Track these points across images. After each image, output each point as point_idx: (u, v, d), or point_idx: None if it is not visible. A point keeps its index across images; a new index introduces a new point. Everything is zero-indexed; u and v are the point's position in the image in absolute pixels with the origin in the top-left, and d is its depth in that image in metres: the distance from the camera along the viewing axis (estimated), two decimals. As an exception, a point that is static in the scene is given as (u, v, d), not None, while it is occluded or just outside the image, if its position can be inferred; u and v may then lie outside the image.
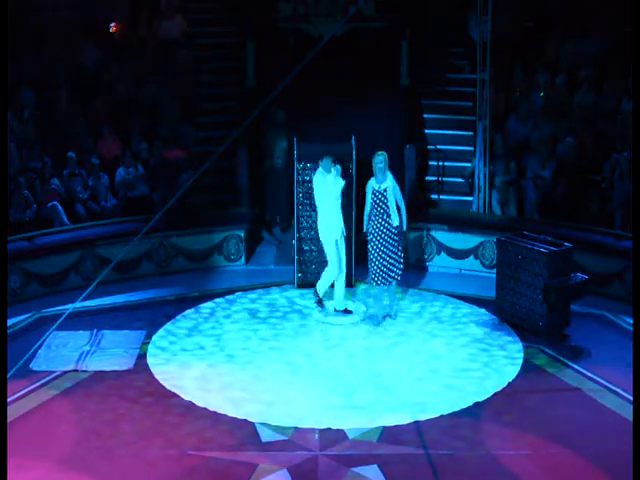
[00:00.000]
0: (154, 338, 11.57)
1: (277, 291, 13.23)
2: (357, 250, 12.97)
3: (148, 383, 10.42)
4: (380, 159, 11.87)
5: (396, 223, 11.82)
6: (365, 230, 11.98)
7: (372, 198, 11.86)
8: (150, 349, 11.25)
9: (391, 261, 11.88)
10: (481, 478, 8.62)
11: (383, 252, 11.87)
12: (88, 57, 16.26)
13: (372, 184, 11.87)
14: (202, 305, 12.68)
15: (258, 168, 15.36)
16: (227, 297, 12.99)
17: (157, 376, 10.56)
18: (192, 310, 12.50)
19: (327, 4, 15.35)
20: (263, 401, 9.96)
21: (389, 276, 11.92)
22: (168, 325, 11.99)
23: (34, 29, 16.17)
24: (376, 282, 11.99)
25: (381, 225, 11.85)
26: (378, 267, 11.89)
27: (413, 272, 14.04)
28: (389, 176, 11.91)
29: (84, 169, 14.34)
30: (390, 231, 11.85)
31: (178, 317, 12.24)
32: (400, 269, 11.97)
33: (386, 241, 11.87)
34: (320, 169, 12.16)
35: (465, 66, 16.33)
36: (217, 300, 12.87)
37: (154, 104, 15.77)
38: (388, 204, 11.80)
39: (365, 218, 11.97)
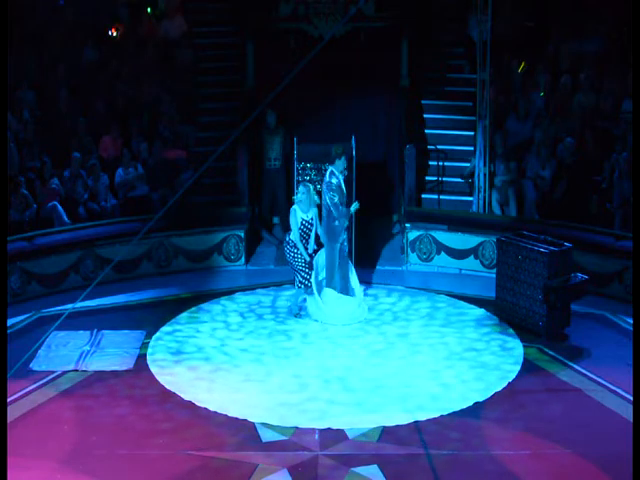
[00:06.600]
0: (154, 338, 11.57)
1: (277, 291, 13.24)
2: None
3: (148, 383, 10.41)
4: (303, 190, 11.96)
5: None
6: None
7: (300, 227, 11.99)
8: (150, 349, 11.24)
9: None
10: (481, 478, 8.61)
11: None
12: (88, 57, 16.27)
13: (299, 214, 11.94)
14: (202, 305, 12.67)
15: (258, 168, 15.35)
16: (227, 297, 12.99)
17: (157, 376, 10.55)
18: (192, 310, 12.49)
19: (327, 4, 15.36)
20: (263, 401, 9.95)
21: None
22: (168, 325, 11.97)
23: (34, 29, 16.20)
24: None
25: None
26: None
27: (413, 272, 14.08)
28: (314, 208, 12.01)
29: (84, 169, 14.35)
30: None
31: (178, 317, 12.23)
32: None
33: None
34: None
35: (465, 66, 16.34)
36: (217, 300, 12.86)
37: (154, 104, 15.78)
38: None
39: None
